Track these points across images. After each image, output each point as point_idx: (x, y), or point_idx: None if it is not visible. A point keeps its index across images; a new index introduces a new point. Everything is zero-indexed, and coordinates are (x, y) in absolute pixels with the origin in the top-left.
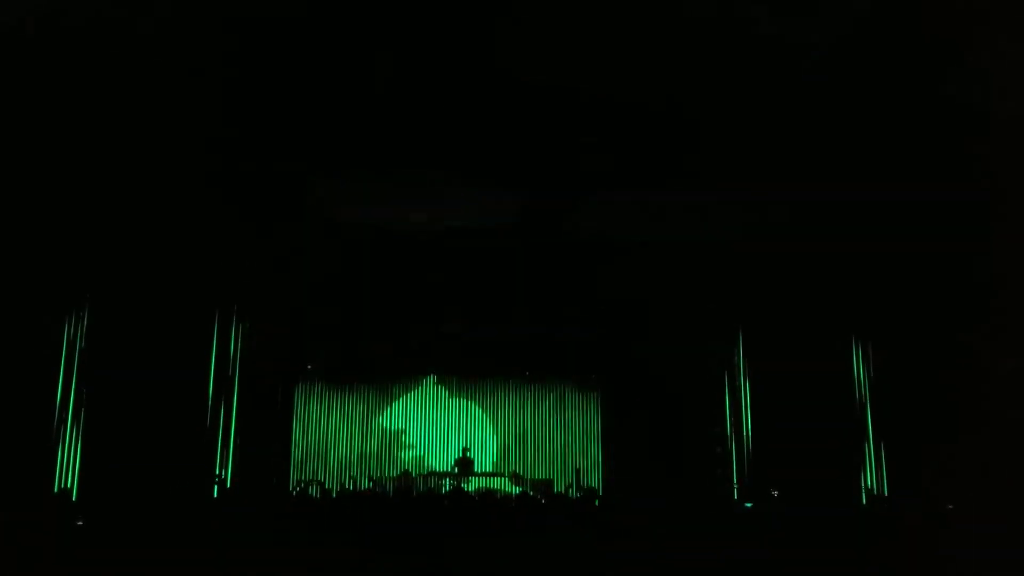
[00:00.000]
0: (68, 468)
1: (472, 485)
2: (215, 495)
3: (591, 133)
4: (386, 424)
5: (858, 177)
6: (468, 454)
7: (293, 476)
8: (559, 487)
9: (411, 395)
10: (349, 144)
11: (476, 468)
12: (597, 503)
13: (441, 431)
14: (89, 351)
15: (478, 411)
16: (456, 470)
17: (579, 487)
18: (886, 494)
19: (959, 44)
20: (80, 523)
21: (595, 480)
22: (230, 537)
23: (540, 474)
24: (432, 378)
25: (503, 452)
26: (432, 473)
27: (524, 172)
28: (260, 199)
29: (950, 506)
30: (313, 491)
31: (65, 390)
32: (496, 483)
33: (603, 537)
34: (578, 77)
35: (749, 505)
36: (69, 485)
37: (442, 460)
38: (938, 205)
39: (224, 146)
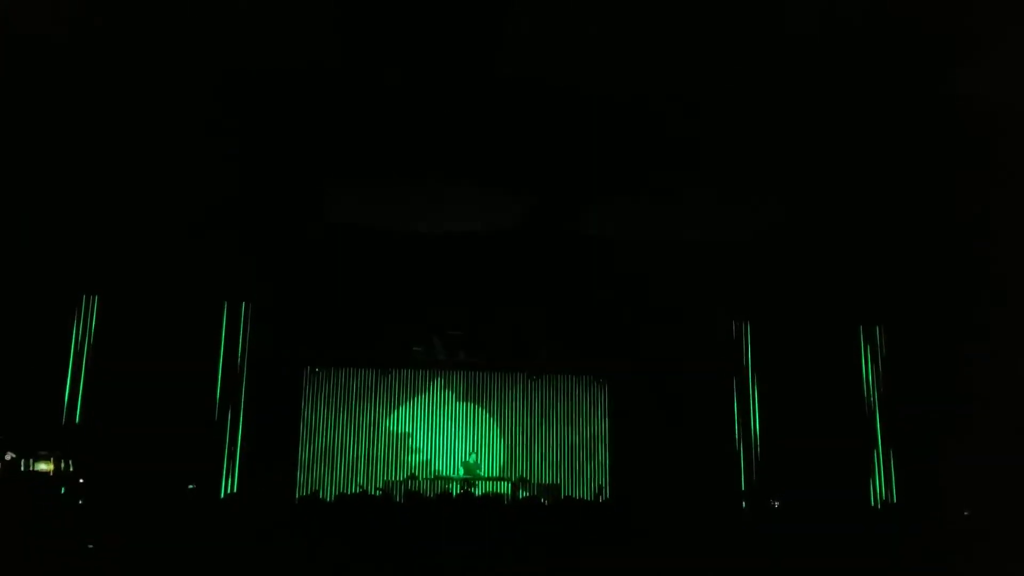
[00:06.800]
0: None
1: (479, 490)
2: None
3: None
4: (392, 428)
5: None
6: (475, 458)
7: (299, 479)
8: (565, 492)
9: (417, 399)
10: (358, 146)
11: (483, 473)
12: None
13: (447, 435)
14: (96, 344)
15: (485, 415)
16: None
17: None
18: (896, 499)
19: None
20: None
21: (604, 483)
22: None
23: (547, 479)
24: (439, 381)
25: (510, 456)
26: (438, 477)
27: (531, 175)
28: (271, 201)
29: (966, 512)
30: (323, 495)
31: (73, 382)
32: (503, 488)
33: (611, 543)
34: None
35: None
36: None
37: (449, 464)
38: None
39: (235, 142)
